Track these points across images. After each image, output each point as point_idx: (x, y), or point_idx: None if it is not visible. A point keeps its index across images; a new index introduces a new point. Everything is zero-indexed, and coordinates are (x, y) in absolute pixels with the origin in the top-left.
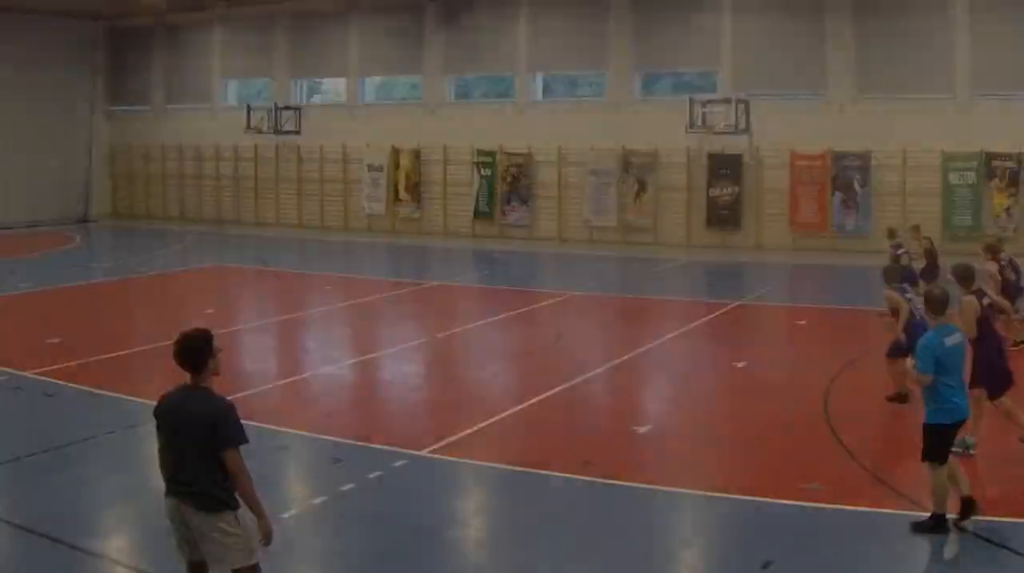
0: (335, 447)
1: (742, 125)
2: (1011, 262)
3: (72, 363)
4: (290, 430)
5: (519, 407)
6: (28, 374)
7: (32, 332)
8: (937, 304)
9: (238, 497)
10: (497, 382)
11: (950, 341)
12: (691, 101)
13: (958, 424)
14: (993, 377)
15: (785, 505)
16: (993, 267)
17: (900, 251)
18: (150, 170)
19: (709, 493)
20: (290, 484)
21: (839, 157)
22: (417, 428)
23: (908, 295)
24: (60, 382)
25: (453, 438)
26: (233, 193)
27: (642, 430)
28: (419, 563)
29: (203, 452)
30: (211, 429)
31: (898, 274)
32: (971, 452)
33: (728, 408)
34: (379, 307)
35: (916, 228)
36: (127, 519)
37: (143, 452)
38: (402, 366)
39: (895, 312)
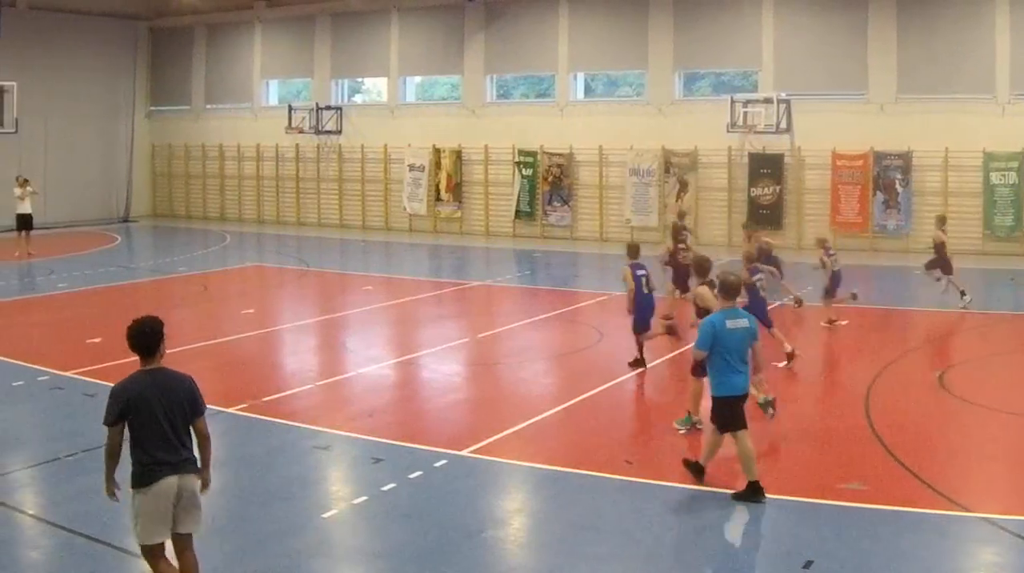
0: (376, 447)
1: (783, 125)
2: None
3: (112, 363)
4: (331, 430)
5: (560, 407)
6: (68, 374)
7: (72, 332)
8: (728, 289)
9: (201, 456)
10: (538, 382)
11: (732, 324)
12: (732, 101)
13: (738, 397)
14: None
15: (826, 504)
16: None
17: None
18: (190, 170)
19: None
20: (331, 484)
21: (880, 157)
22: (458, 428)
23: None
24: (100, 382)
25: (494, 438)
26: (274, 193)
27: (683, 430)
28: (459, 563)
29: (185, 424)
30: (192, 401)
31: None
32: (699, 427)
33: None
34: (420, 307)
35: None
36: None
37: None
38: (443, 366)
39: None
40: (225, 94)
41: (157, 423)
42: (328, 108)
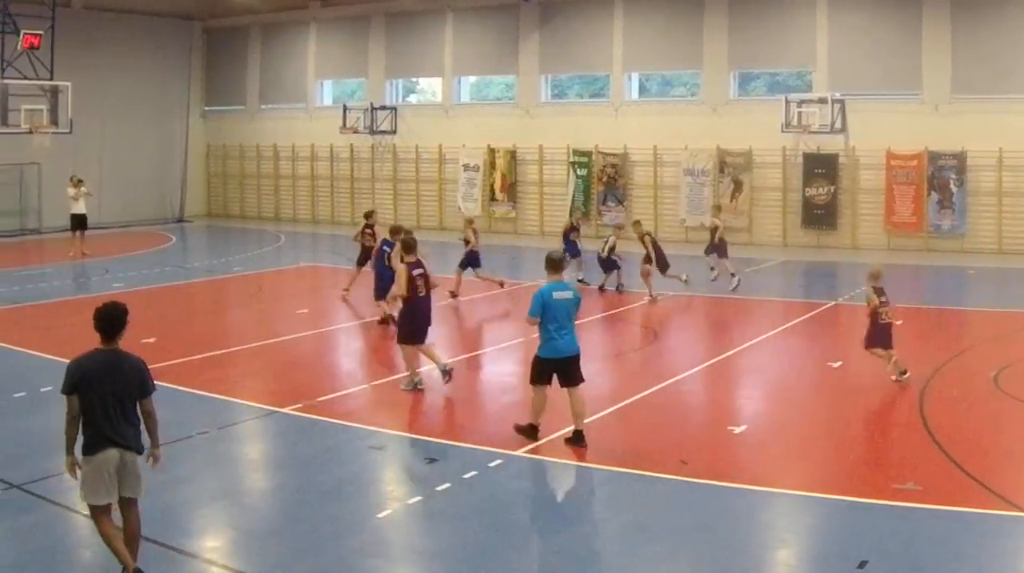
0: (431, 447)
1: (838, 125)
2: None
3: (167, 363)
4: (386, 430)
5: (615, 407)
6: None
7: (127, 332)
8: (553, 264)
9: (148, 432)
10: (593, 382)
11: (558, 295)
12: (786, 101)
13: (558, 359)
14: (416, 329)
15: (880, 505)
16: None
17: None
18: (245, 170)
19: (805, 493)
20: (386, 484)
21: (935, 157)
22: (512, 428)
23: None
24: (155, 382)
25: (548, 438)
26: (328, 193)
27: (738, 430)
28: (513, 563)
29: (132, 403)
30: (141, 382)
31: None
32: (420, 388)
33: (823, 408)
34: (474, 307)
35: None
36: (222, 519)
37: (238, 452)
38: (498, 366)
39: None
40: (280, 94)
41: (103, 399)
42: (382, 108)
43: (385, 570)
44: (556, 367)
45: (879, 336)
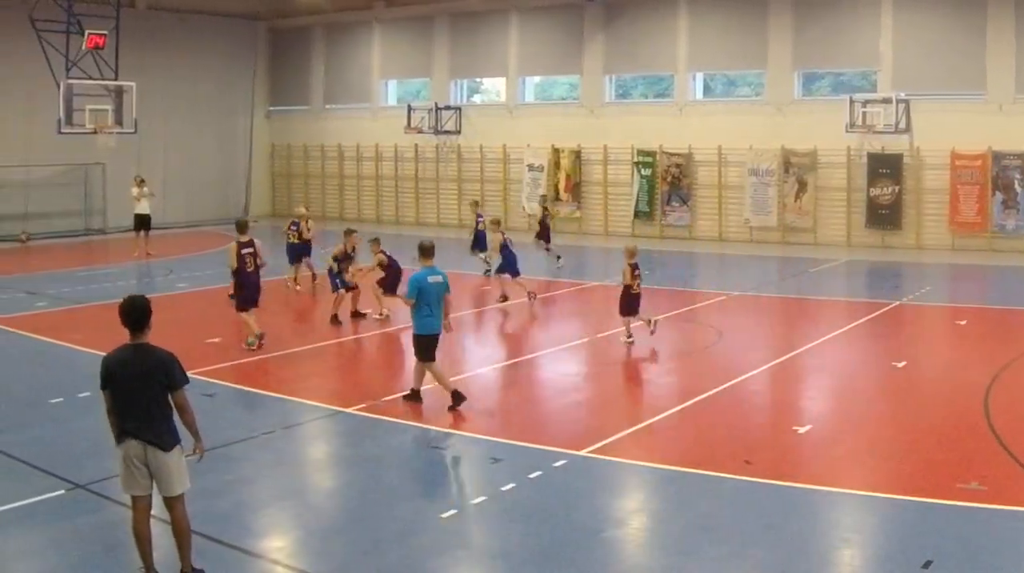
0: (495, 447)
1: (902, 125)
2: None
3: (231, 363)
4: (450, 430)
5: (679, 407)
6: (187, 373)
7: (191, 332)
8: (424, 250)
9: (185, 426)
10: (657, 382)
11: (431, 279)
12: (851, 101)
13: (433, 336)
14: (245, 297)
15: (945, 505)
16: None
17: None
18: (309, 170)
19: (868, 492)
20: (450, 484)
21: (999, 157)
22: (577, 428)
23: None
24: (219, 382)
25: (613, 438)
26: (392, 193)
27: (802, 430)
28: (578, 563)
29: (161, 397)
30: (166, 376)
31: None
32: (263, 344)
33: (888, 408)
34: (538, 307)
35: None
36: (286, 519)
37: (302, 452)
38: (562, 366)
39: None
40: (344, 94)
41: (127, 392)
42: (447, 108)
43: (449, 570)
44: (435, 342)
45: (629, 306)
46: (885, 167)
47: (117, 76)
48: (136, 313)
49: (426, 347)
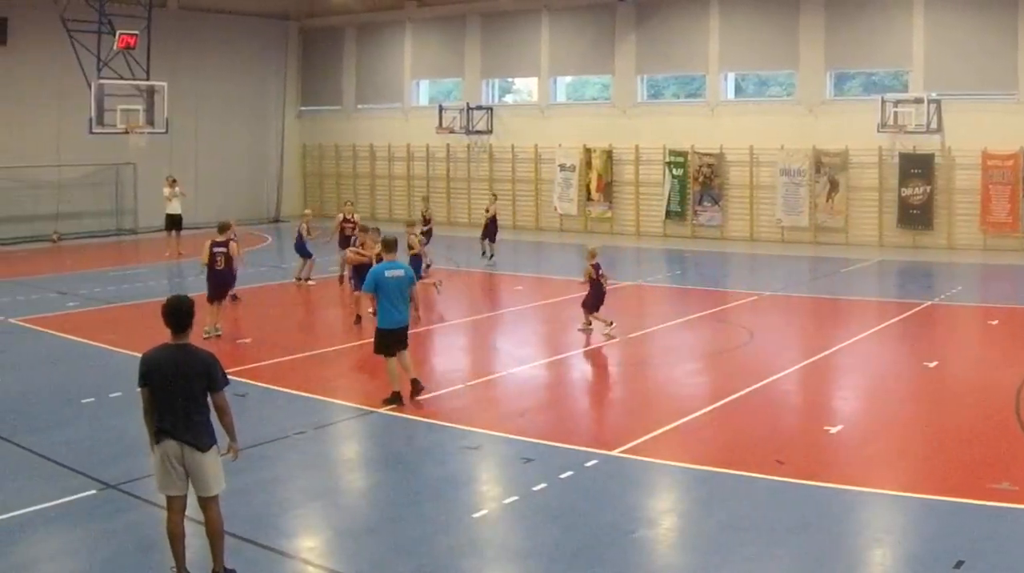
0: (526, 447)
1: (934, 125)
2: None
3: (263, 363)
4: (481, 430)
5: (711, 407)
6: None
7: (223, 332)
8: (387, 245)
9: (223, 427)
10: (688, 382)
11: (388, 273)
12: (882, 101)
13: (394, 330)
14: (212, 289)
15: (976, 505)
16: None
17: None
18: (341, 170)
19: (900, 493)
20: (481, 484)
21: None
22: (608, 428)
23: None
24: (251, 382)
25: (644, 438)
26: (424, 193)
27: (834, 430)
28: (610, 563)
29: (200, 398)
30: (208, 376)
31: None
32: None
33: (919, 408)
34: (570, 307)
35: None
36: (318, 519)
37: (334, 452)
38: (593, 366)
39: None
40: (376, 94)
41: (166, 392)
42: (478, 108)
43: (481, 570)
44: (394, 337)
45: (594, 302)
46: (916, 167)
47: (148, 76)
48: (181, 313)
49: (380, 340)
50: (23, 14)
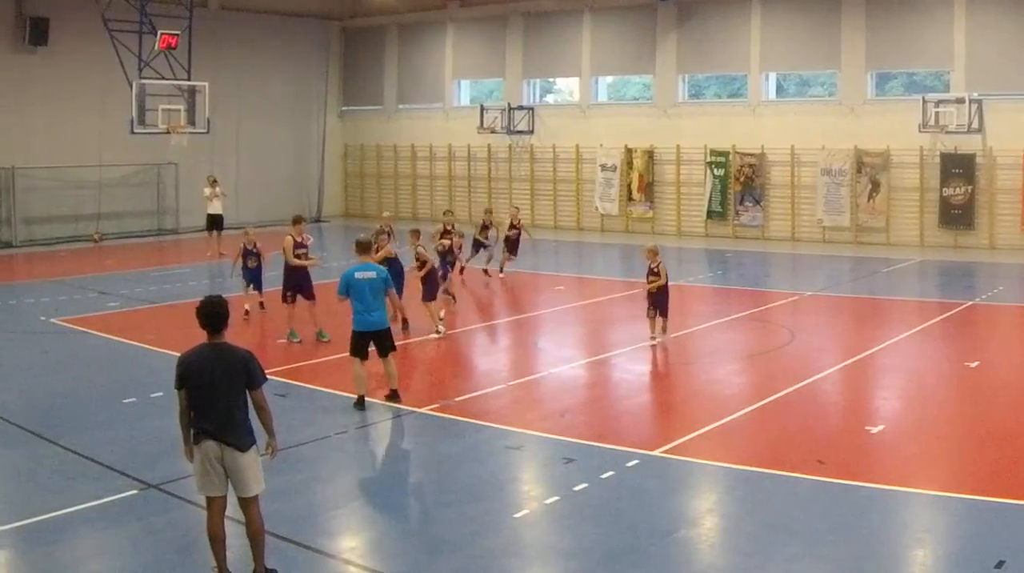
0: (568, 447)
1: (975, 125)
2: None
3: (304, 363)
4: (523, 430)
5: (752, 407)
6: None
7: (263, 331)
8: (359, 246)
9: (262, 425)
10: (729, 382)
11: (359, 274)
12: (924, 101)
13: (368, 332)
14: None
15: (1018, 505)
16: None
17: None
18: (382, 170)
19: (941, 493)
20: (523, 484)
21: None
22: (649, 428)
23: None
24: (293, 382)
25: (685, 438)
26: (465, 193)
27: (875, 430)
28: (651, 563)
29: (240, 397)
30: (247, 374)
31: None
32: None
33: (960, 408)
34: (612, 307)
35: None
36: (359, 519)
37: (375, 452)
38: (634, 366)
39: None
40: (417, 94)
41: (206, 392)
42: (520, 108)
43: (522, 570)
44: (368, 339)
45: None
46: (958, 167)
47: (190, 76)
48: (216, 314)
49: (352, 342)
50: (64, 15)
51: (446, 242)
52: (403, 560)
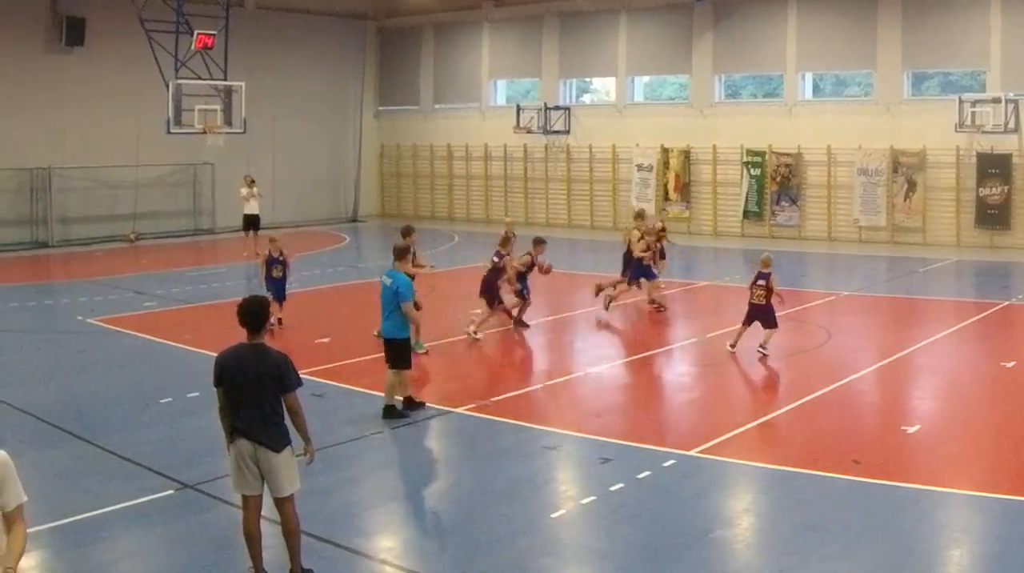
0: (604, 447)
1: (1011, 125)
2: None
3: (340, 363)
4: (559, 430)
5: (788, 407)
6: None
7: (302, 331)
8: (394, 252)
9: (296, 429)
10: (766, 382)
11: (383, 279)
12: (960, 101)
13: (384, 339)
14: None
15: None
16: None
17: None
18: (418, 169)
19: (978, 493)
20: (559, 484)
21: None
22: (686, 428)
23: None
24: (329, 382)
25: (722, 438)
26: (502, 193)
27: (911, 430)
28: (687, 563)
29: (273, 398)
30: (279, 377)
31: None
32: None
33: (997, 408)
34: (644, 308)
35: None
36: (395, 519)
37: (411, 452)
38: (672, 366)
39: None
40: (453, 94)
41: (239, 392)
42: (556, 108)
43: (559, 570)
44: (385, 345)
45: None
46: (994, 167)
47: (226, 76)
48: (256, 314)
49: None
50: (101, 15)
51: (527, 260)
52: (439, 560)
